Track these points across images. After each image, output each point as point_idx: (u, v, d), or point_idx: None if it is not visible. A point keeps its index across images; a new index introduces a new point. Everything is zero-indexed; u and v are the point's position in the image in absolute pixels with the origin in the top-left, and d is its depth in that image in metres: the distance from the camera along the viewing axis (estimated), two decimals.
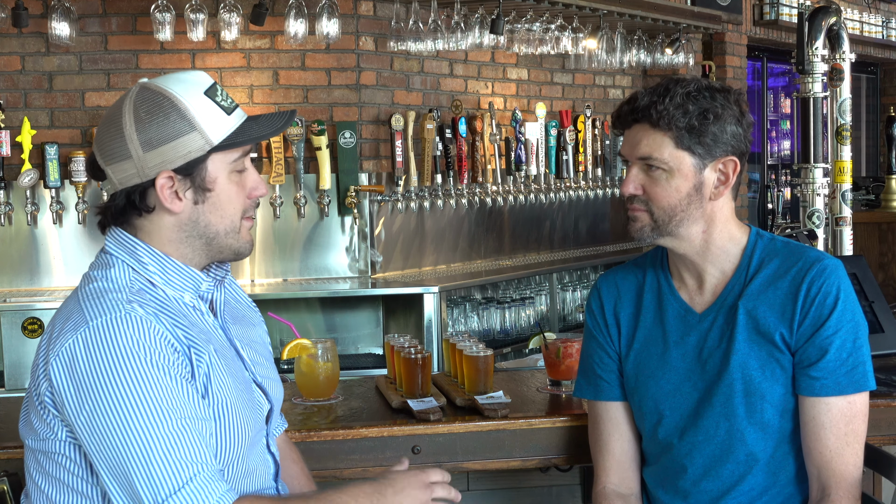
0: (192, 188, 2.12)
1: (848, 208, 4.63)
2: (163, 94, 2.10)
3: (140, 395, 1.96)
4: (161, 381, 1.99)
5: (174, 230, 2.14)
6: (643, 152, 2.41)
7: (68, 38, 5.28)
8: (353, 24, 5.74)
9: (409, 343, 3.13)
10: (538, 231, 7.06)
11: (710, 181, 2.42)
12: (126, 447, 1.96)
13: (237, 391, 2.16)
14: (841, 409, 2.39)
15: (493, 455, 2.83)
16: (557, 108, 7.08)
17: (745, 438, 2.45)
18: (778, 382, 2.43)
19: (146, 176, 2.09)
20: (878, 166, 11.58)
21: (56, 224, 5.46)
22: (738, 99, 2.43)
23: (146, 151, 2.07)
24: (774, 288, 2.45)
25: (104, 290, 2.08)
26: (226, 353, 2.19)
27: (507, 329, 6.14)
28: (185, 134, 2.08)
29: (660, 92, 2.39)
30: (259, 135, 2.16)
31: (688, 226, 2.44)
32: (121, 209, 2.14)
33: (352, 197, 5.67)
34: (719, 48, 8.54)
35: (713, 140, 2.38)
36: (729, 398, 2.45)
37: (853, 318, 2.42)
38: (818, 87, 4.37)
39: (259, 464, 2.25)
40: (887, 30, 10.77)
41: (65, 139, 5.51)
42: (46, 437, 2.09)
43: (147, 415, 1.96)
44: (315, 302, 5.80)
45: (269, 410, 2.30)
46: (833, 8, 4.52)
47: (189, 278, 2.17)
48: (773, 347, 2.43)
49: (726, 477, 2.48)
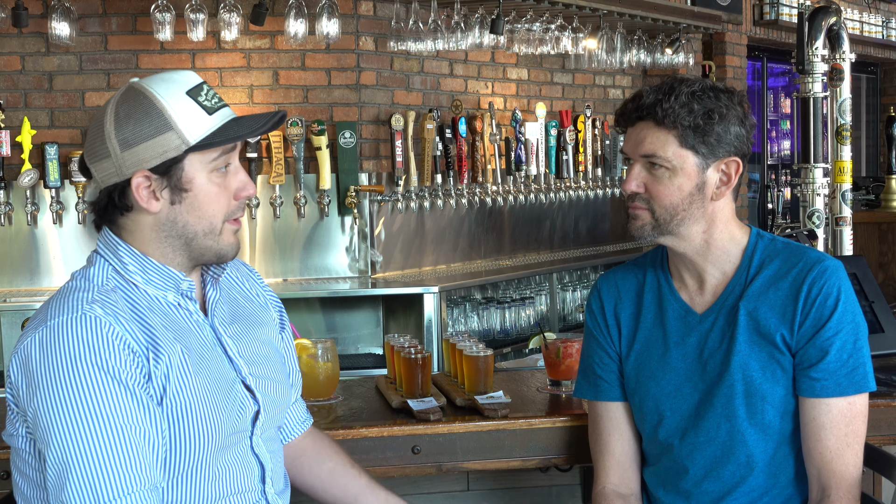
0: (169, 188, 2.10)
1: (848, 208, 4.63)
2: (144, 93, 2.09)
3: (85, 403, 1.96)
4: (108, 387, 1.98)
5: (153, 230, 2.14)
6: (647, 150, 2.41)
7: (68, 38, 5.27)
8: (354, 24, 5.74)
9: (408, 343, 3.12)
10: (538, 231, 7.05)
11: (712, 181, 2.42)
12: (67, 451, 1.96)
13: (210, 392, 2.13)
14: (841, 410, 2.39)
15: (493, 455, 2.82)
16: (557, 108, 7.08)
17: (746, 440, 2.45)
18: (779, 384, 2.43)
19: (123, 175, 2.09)
20: (878, 166, 11.58)
21: (56, 224, 5.46)
22: (742, 100, 2.43)
23: (123, 150, 2.07)
24: (776, 289, 2.45)
25: (73, 289, 2.09)
26: (206, 353, 2.17)
27: (507, 329, 6.13)
28: (161, 133, 2.07)
29: (665, 90, 2.39)
30: (237, 135, 2.12)
31: (689, 225, 2.44)
32: (103, 208, 2.14)
33: (352, 197, 5.67)
34: (719, 48, 8.54)
35: (717, 140, 2.39)
36: (730, 399, 2.44)
37: (854, 320, 2.42)
38: (818, 87, 4.37)
39: (237, 466, 2.20)
40: (887, 30, 10.77)
41: (65, 139, 5.50)
42: (13, 435, 2.12)
43: (89, 422, 1.96)
44: (315, 302, 5.79)
45: (256, 412, 2.24)
46: (833, 8, 4.52)
47: (168, 278, 2.15)
48: (774, 349, 2.43)
49: (727, 478, 2.48)
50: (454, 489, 3.25)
